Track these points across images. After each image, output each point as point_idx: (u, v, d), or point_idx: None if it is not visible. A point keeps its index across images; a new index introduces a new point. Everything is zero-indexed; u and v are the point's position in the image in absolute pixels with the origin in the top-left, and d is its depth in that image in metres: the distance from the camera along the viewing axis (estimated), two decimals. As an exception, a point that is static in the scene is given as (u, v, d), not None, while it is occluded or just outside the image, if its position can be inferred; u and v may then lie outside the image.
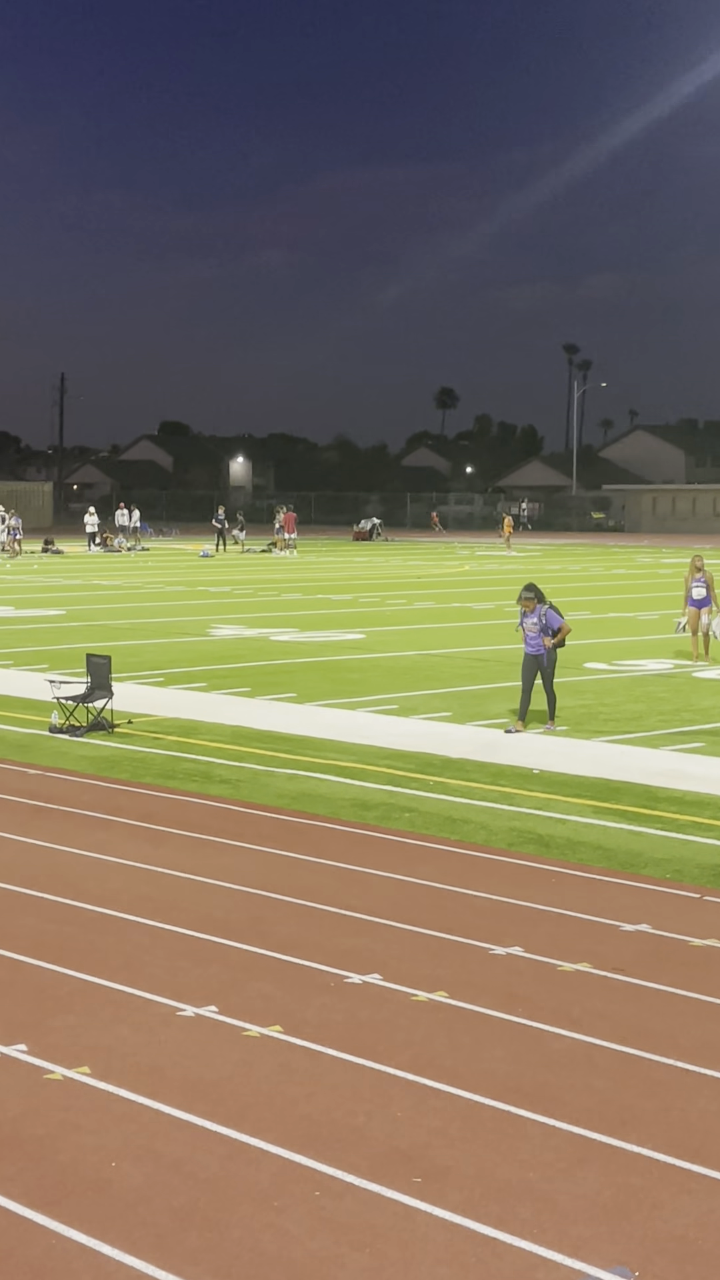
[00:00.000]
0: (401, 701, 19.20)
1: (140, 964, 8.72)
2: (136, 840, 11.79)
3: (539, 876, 10.87)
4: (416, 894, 10.33)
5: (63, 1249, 5.44)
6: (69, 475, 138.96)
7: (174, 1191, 5.89)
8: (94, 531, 66.49)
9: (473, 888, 10.49)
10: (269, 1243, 5.50)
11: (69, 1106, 6.71)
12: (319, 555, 62.55)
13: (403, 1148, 6.31)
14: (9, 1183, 5.94)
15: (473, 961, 8.84)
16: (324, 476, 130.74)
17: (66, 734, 16.53)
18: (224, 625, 29.67)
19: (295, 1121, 6.56)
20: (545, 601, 16.90)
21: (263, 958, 8.86)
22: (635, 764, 15.03)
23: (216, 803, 13.25)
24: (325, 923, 9.60)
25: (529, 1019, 7.88)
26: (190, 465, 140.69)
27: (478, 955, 8.97)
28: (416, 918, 9.71)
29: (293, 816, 12.71)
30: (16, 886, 10.35)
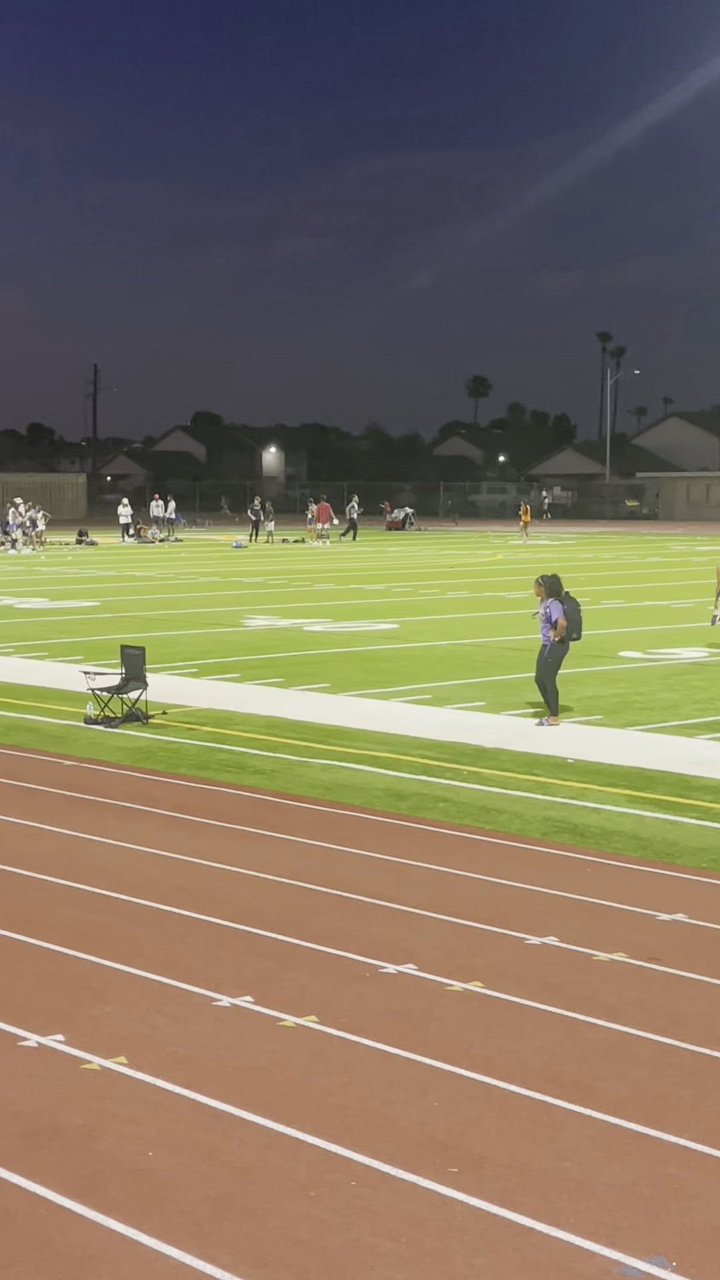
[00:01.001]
0: (435, 691, 19.19)
1: (176, 954, 8.75)
2: (172, 831, 11.83)
3: (574, 866, 10.86)
4: (451, 884, 10.34)
5: (101, 1238, 5.47)
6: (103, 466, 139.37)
7: (211, 1181, 5.92)
8: (128, 523, 66.66)
9: (507, 877, 10.48)
10: (305, 1232, 5.52)
11: (106, 1096, 6.74)
12: (351, 545, 62.53)
13: (438, 1137, 6.32)
14: (47, 1172, 5.98)
15: (508, 951, 8.84)
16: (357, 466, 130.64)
17: (102, 725, 16.58)
18: (257, 616, 29.71)
19: (331, 1111, 6.58)
20: (559, 593, 16.58)
21: (298, 948, 8.88)
22: (670, 753, 14.99)
23: (251, 793, 13.28)
24: (360, 913, 9.62)
25: (565, 1009, 7.88)
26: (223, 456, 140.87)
27: (513, 945, 8.96)
28: (451, 907, 9.71)
29: (327, 807, 12.73)
30: (53, 877, 10.40)
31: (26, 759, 14.85)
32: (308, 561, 50.05)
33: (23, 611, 30.95)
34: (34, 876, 10.43)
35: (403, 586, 37.70)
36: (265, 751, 15.18)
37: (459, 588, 37.34)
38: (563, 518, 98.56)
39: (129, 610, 31.04)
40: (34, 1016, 7.72)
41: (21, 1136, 6.31)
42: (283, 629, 27.21)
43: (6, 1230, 5.52)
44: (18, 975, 8.38)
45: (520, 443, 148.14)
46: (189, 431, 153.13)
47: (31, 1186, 5.85)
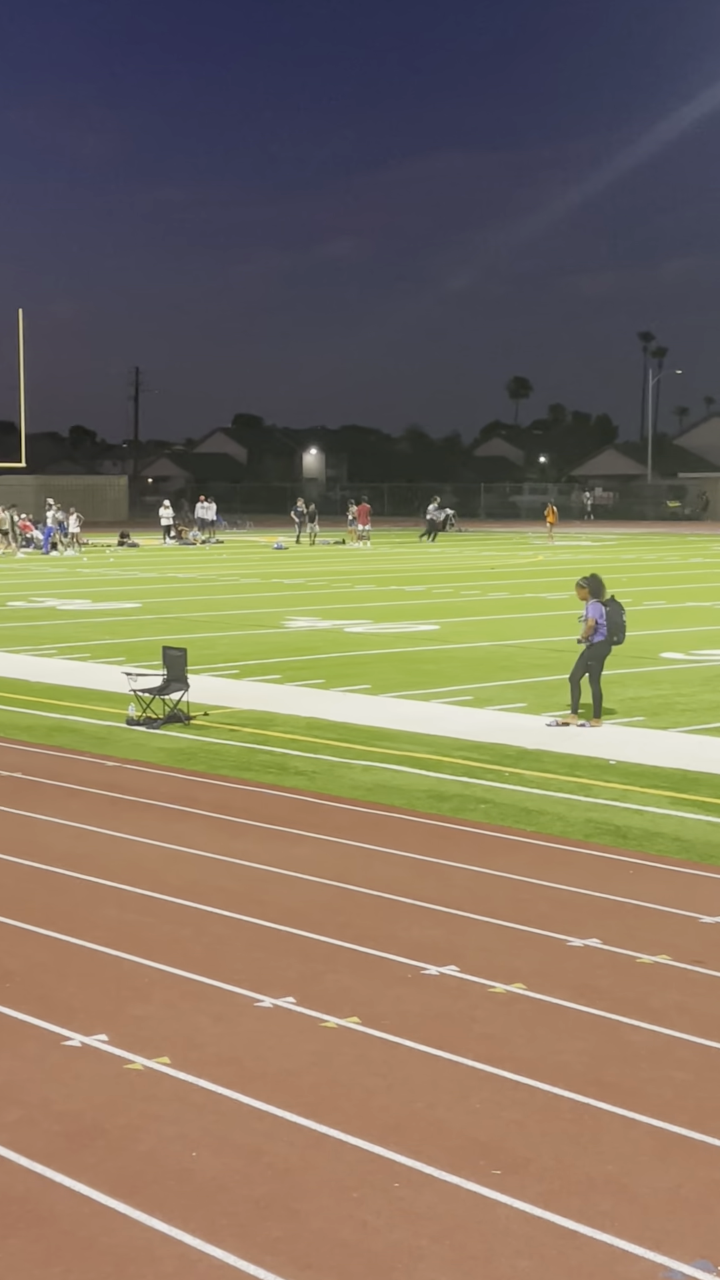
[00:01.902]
0: (476, 692, 19.16)
1: (218, 955, 8.77)
2: (213, 831, 11.85)
3: (616, 868, 10.82)
4: (493, 885, 10.32)
5: (145, 1238, 5.48)
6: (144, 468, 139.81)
7: (254, 1181, 5.92)
8: (169, 524, 66.84)
9: (549, 879, 10.46)
10: (349, 1233, 5.51)
11: (149, 1096, 6.76)
12: (392, 546, 62.53)
13: (481, 1140, 6.30)
14: (91, 1171, 6.00)
15: (550, 953, 8.82)
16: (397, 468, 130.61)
17: (143, 726, 16.64)
18: (298, 617, 29.74)
19: (374, 1113, 6.57)
20: (601, 594, 16.55)
21: (340, 949, 8.88)
22: (713, 754, 14.92)
23: (292, 794, 13.29)
24: (402, 914, 9.61)
25: (608, 1011, 7.85)
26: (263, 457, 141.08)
27: (555, 947, 8.94)
28: (493, 909, 9.69)
29: (368, 808, 12.73)
30: (96, 877, 10.44)
31: (69, 760, 14.91)
32: (348, 563, 50.07)
33: (65, 613, 31.09)
34: (77, 877, 10.47)
35: (443, 588, 37.67)
36: (306, 753, 15.19)
37: (500, 589, 37.28)
38: (604, 519, 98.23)
39: (170, 612, 31.13)
40: (77, 1016, 7.75)
41: (65, 1136, 6.33)
42: (324, 630, 27.23)
43: (51, 1229, 5.54)
44: (61, 975, 8.42)
45: (561, 443, 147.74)
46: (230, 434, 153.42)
47: (75, 1186, 5.87)
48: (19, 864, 10.83)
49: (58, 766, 14.54)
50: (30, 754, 15.21)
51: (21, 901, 9.85)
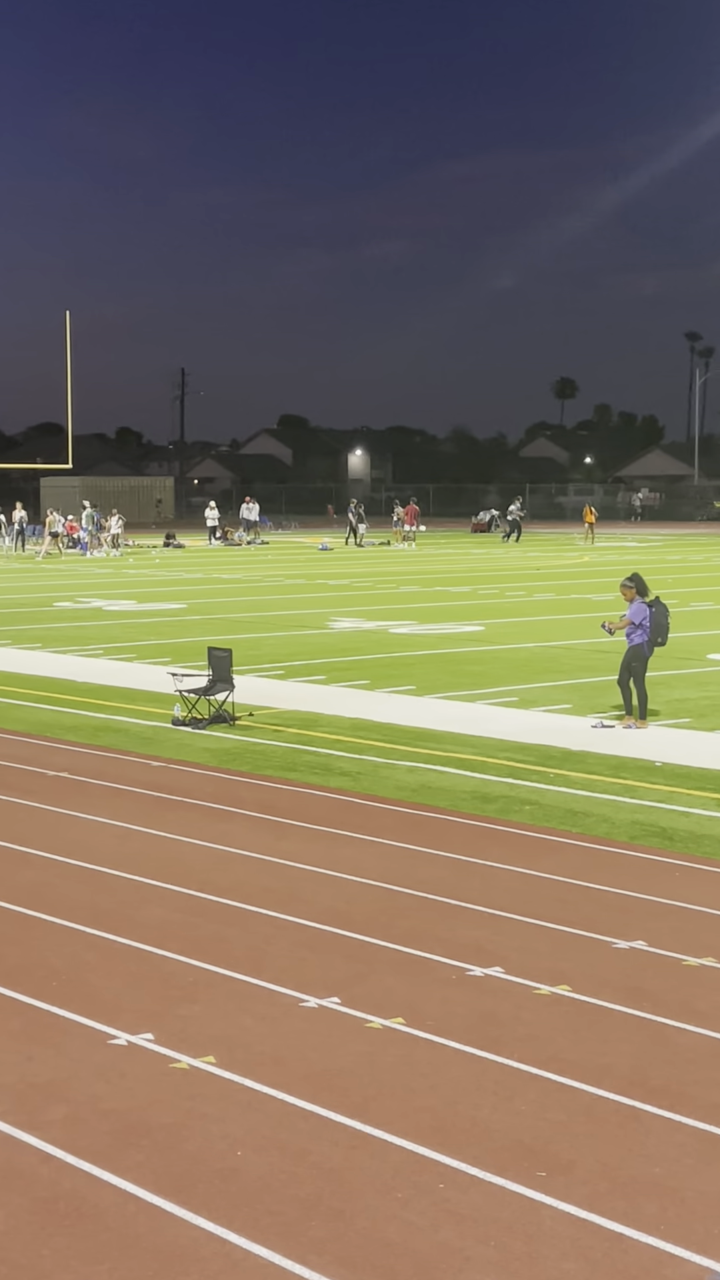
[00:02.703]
0: (521, 693, 19.13)
1: (263, 955, 8.79)
2: (259, 832, 11.88)
3: (662, 870, 10.77)
4: (538, 887, 10.29)
5: (190, 1236, 5.50)
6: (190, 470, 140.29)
7: (299, 1181, 5.93)
8: (214, 525, 67.03)
9: (595, 881, 10.42)
10: (394, 1234, 5.51)
11: (195, 1095, 6.78)
12: (437, 547, 62.49)
13: (526, 1141, 6.29)
14: (137, 1170, 6.02)
15: (596, 955, 8.79)
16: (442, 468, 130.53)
17: (189, 726, 16.69)
18: (343, 618, 29.76)
19: (418, 1113, 6.57)
20: (646, 593, 16.54)
21: (385, 950, 8.89)
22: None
23: (337, 795, 13.30)
24: (447, 915, 9.60)
25: (653, 1013, 7.82)
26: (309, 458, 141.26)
27: (601, 949, 8.91)
28: (538, 911, 9.67)
29: (413, 809, 12.73)
30: (142, 877, 10.48)
31: (115, 759, 14.97)
32: (393, 564, 50.06)
33: (111, 614, 31.23)
34: (123, 876, 10.52)
35: (488, 589, 37.61)
36: (351, 753, 15.20)
37: (545, 590, 37.18)
38: (650, 519, 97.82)
39: (216, 612, 31.22)
40: (123, 1015, 7.78)
41: (112, 1134, 6.36)
42: (368, 631, 27.24)
43: (98, 1226, 5.57)
44: (108, 974, 8.46)
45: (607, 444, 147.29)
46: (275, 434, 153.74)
47: (122, 1184, 5.90)
48: (66, 863, 10.89)
49: (104, 766, 14.61)
50: (77, 754, 15.29)
51: (68, 900, 9.90)
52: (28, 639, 26.10)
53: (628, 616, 16.36)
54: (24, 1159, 6.13)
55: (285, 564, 50.13)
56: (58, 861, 10.94)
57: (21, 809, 12.72)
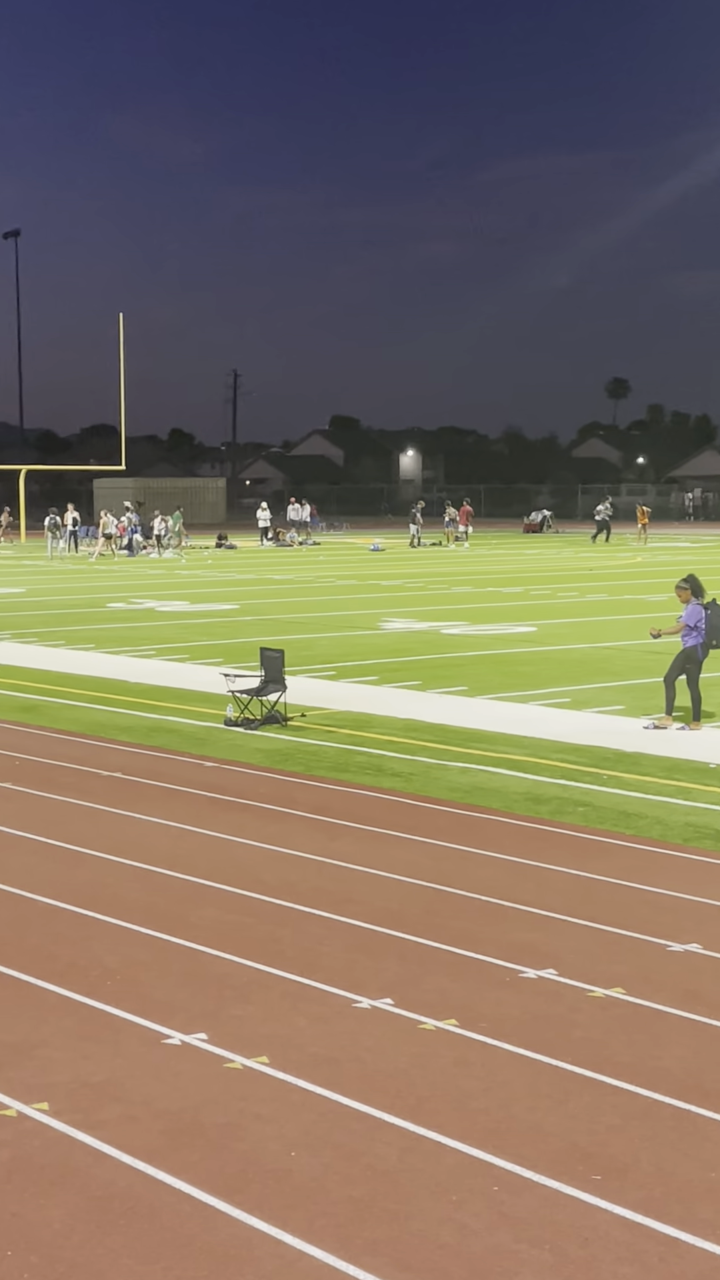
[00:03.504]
0: (574, 695, 19.05)
1: (317, 955, 8.79)
2: (311, 832, 11.89)
3: (717, 872, 10.70)
4: (591, 889, 10.25)
5: (245, 1236, 5.51)
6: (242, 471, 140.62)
7: (353, 1182, 5.93)
8: (266, 526, 67.17)
9: (649, 883, 10.37)
10: (449, 1236, 5.50)
11: (248, 1095, 6.79)
12: (489, 548, 62.37)
13: (581, 1144, 6.26)
14: (192, 1169, 6.04)
15: (650, 958, 8.74)
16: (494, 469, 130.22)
17: (241, 727, 16.73)
18: (395, 619, 29.75)
19: (472, 1115, 6.55)
20: (702, 594, 16.44)
21: (438, 951, 8.87)
22: None
23: (389, 796, 13.29)
24: (500, 917, 9.58)
25: (708, 1017, 7.76)
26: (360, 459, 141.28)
27: (655, 951, 8.86)
28: (592, 913, 9.63)
29: (465, 810, 12.70)
30: (196, 877, 10.51)
31: (168, 760, 15.03)
32: (444, 564, 50.01)
33: (164, 614, 31.34)
34: (177, 876, 10.55)
35: (541, 589, 37.51)
36: (403, 754, 15.19)
37: (598, 590, 37.03)
38: (704, 520, 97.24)
39: (268, 613, 31.27)
40: (177, 1015, 7.80)
41: (166, 1134, 6.38)
42: (420, 631, 27.22)
43: (152, 1226, 5.58)
44: (162, 973, 8.48)
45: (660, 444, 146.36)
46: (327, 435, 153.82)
47: (176, 1183, 5.92)
48: (120, 863, 10.93)
49: (157, 766, 14.67)
50: (130, 754, 15.35)
51: (122, 900, 9.94)
52: (81, 640, 26.24)
53: (683, 619, 16.27)
54: (80, 1158, 6.16)
55: (337, 565, 50.16)
56: (112, 861, 10.98)
57: (76, 809, 12.78)
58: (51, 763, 14.83)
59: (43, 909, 9.77)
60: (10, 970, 8.53)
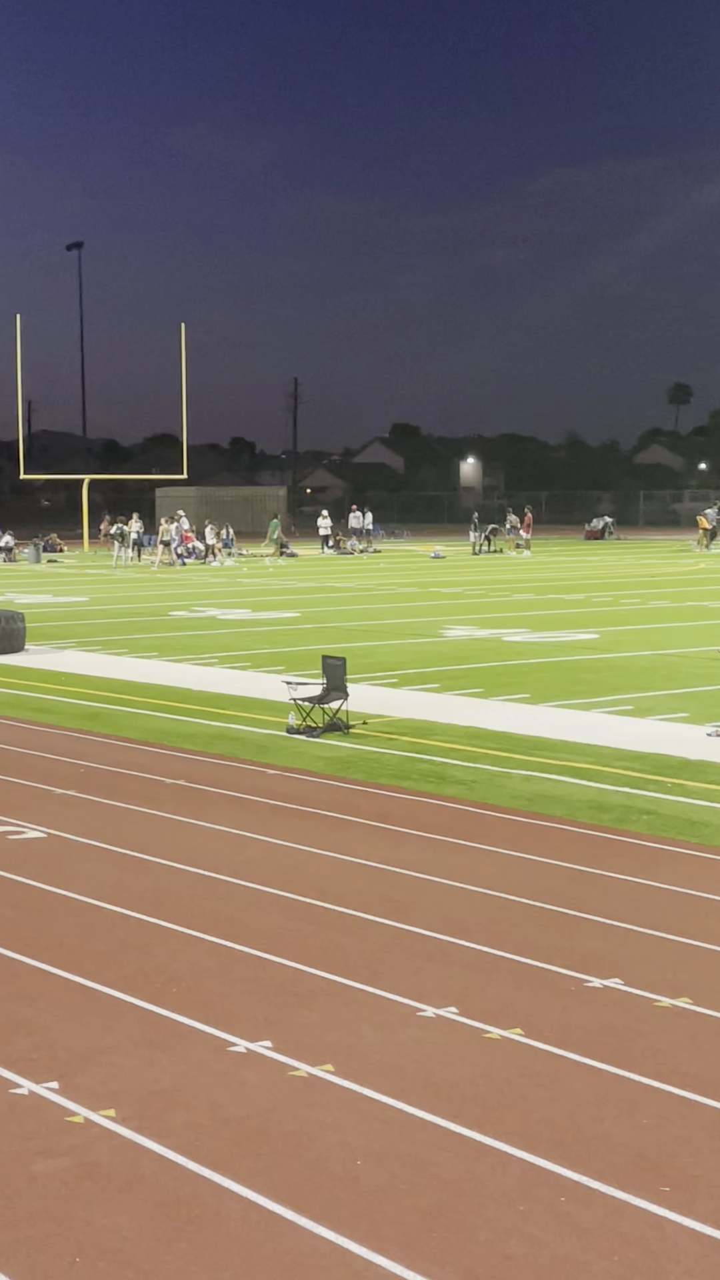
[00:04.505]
0: (637, 702, 18.95)
1: (380, 964, 8.78)
2: (374, 840, 11.88)
3: (784, 882, 10.60)
4: (656, 897, 10.19)
5: (311, 1244, 5.51)
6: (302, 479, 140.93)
7: (419, 1191, 5.91)
8: (327, 534, 67.28)
9: (714, 891, 10.29)
10: (515, 1246, 5.48)
11: (313, 1103, 6.79)
12: (551, 555, 62.16)
13: (649, 1155, 6.22)
14: (258, 1177, 6.04)
15: (716, 968, 8.67)
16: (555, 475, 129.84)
17: (303, 734, 16.75)
18: (456, 626, 29.71)
19: (538, 1125, 6.52)
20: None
21: (502, 960, 8.84)
22: None
23: (452, 803, 13.27)
24: (564, 926, 9.54)
25: (777, 1028, 7.69)
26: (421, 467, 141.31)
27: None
28: (657, 922, 9.56)
29: (528, 818, 12.66)
30: (259, 885, 10.54)
31: (231, 767, 15.07)
32: (505, 571, 49.90)
33: (226, 622, 31.45)
34: (240, 883, 10.58)
35: (602, 596, 37.34)
36: (465, 762, 15.16)
37: (661, 597, 36.83)
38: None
39: (329, 621, 31.31)
40: (241, 1022, 7.82)
41: (233, 1141, 6.39)
42: (481, 639, 27.17)
43: (219, 1233, 5.59)
44: (226, 981, 8.51)
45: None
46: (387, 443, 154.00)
47: (243, 1191, 5.93)
48: (184, 870, 10.97)
49: (220, 774, 14.71)
50: (193, 762, 15.41)
51: (187, 907, 9.98)
52: (144, 648, 26.37)
53: None
54: (147, 1164, 6.18)
55: (398, 572, 50.16)
56: (176, 869, 11.02)
57: (140, 816, 12.84)
58: (116, 770, 14.92)
59: (108, 916, 9.83)
60: (77, 977, 8.58)
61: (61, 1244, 5.53)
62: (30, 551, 61.64)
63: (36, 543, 63.89)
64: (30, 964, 8.83)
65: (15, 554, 62.19)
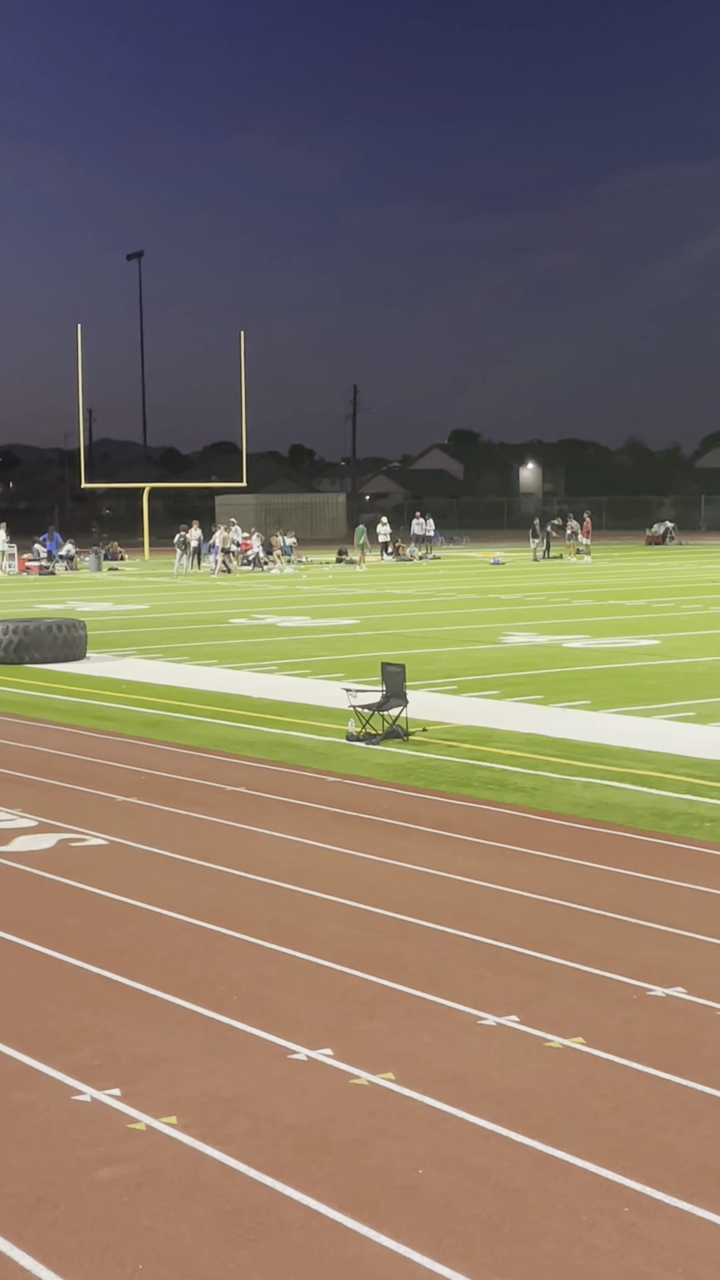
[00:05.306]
0: (699, 708, 18.82)
1: (441, 971, 8.76)
2: (434, 847, 11.86)
3: None
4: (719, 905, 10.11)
5: (374, 1254, 5.49)
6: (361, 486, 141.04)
7: (482, 1201, 5.89)
8: (386, 541, 67.30)
9: (779, 900, 10.19)
10: (579, 1257, 5.44)
11: (375, 1112, 6.78)
12: (611, 560, 61.88)
13: (713, 1166, 6.17)
14: (320, 1186, 6.04)
15: (781, 977, 8.59)
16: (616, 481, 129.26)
17: (363, 742, 16.75)
18: (516, 632, 29.63)
19: (601, 1135, 6.48)
20: None
21: (563, 968, 8.80)
22: None
23: (512, 810, 13.22)
24: (626, 934, 9.47)
25: None
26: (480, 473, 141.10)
27: (786, 970, 8.70)
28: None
29: (589, 825, 12.59)
30: (320, 892, 10.54)
31: (291, 775, 15.09)
32: (565, 577, 49.71)
33: (286, 629, 31.51)
34: (301, 891, 10.58)
35: (664, 602, 37.12)
36: (526, 769, 15.10)
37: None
38: None
39: (388, 628, 31.30)
40: (302, 1030, 7.82)
41: (294, 1149, 6.39)
42: (541, 645, 27.07)
43: (281, 1241, 5.59)
44: (287, 989, 8.51)
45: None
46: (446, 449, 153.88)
47: (305, 1199, 5.92)
48: (244, 878, 10.99)
49: (280, 781, 14.73)
50: (253, 769, 15.44)
51: (247, 915, 9.99)
52: (204, 655, 26.47)
53: None
54: (208, 1172, 6.19)
55: (457, 579, 50.09)
56: (236, 876, 11.05)
57: (201, 824, 12.88)
58: (176, 778, 14.98)
59: (169, 923, 9.86)
60: (138, 984, 8.61)
61: (125, 1251, 5.54)
62: (91, 560, 62.06)
63: (98, 551, 64.33)
64: (92, 971, 8.87)
65: (77, 562, 62.61)
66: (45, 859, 11.63)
